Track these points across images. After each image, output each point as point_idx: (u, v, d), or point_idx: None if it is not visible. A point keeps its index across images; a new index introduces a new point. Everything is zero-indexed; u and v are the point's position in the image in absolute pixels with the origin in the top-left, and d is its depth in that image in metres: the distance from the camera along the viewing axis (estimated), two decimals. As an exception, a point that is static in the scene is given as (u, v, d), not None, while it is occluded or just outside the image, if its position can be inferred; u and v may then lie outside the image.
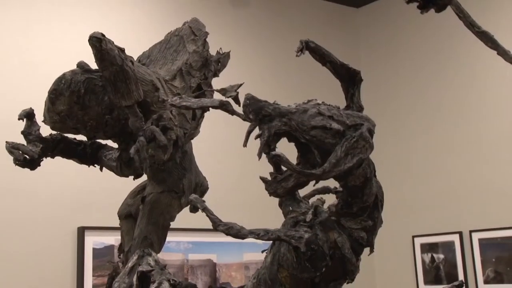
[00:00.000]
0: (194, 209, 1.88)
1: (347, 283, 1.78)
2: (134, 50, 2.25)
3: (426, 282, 5.22)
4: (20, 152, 2.12)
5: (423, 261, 5.30)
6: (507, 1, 5.02)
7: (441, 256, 5.19)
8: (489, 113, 5.04)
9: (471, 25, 2.05)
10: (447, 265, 5.14)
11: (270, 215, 2.15)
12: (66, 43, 4.28)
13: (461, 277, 4.99)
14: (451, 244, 5.12)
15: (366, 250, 1.74)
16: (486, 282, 4.89)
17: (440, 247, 5.21)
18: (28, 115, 2.17)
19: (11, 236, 3.96)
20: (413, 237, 5.35)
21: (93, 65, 2.02)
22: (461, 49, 5.16)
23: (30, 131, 2.16)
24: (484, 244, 4.93)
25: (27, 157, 2.13)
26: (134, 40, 2.54)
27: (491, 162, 4.96)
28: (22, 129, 2.17)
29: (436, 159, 5.33)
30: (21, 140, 2.16)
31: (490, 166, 4.96)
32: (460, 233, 5.07)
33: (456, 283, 1.79)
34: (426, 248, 5.29)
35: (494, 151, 4.97)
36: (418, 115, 5.51)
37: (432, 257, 5.24)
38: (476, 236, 4.98)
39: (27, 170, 2.20)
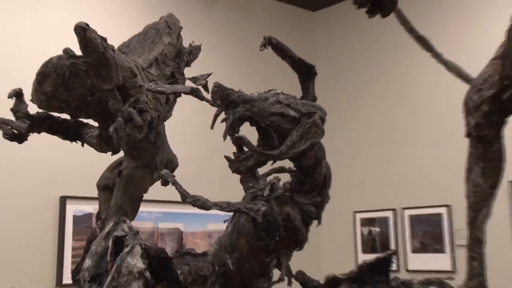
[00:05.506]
0: (165, 183, 1.86)
1: (297, 250, 1.79)
2: (115, 40, 2.21)
3: (364, 251, 5.31)
4: (9, 127, 2.07)
5: (362, 233, 5.38)
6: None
7: (377, 229, 5.28)
8: (422, 108, 5.12)
9: (411, 30, 2.07)
10: (382, 237, 5.23)
11: (232, 190, 2.14)
12: (53, 31, 4.17)
13: (393, 247, 5.08)
14: (386, 219, 5.21)
15: (315, 222, 1.74)
16: (413, 251, 5.00)
17: (376, 222, 5.29)
18: (17, 94, 2.12)
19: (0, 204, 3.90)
20: (354, 212, 5.42)
21: (78, 52, 1.98)
22: (402, 51, 5.21)
23: (18, 109, 2.11)
24: (414, 219, 5.03)
25: (16, 132, 2.08)
26: (115, 31, 2.49)
27: (423, 150, 5.05)
28: (11, 106, 2.12)
29: (377, 147, 5.40)
30: (10, 117, 2.12)
31: (421, 153, 5.05)
32: (394, 210, 5.16)
33: (389, 252, 1.81)
34: (365, 222, 5.37)
35: (424, 141, 5.05)
36: (363, 107, 5.57)
37: (370, 230, 5.33)
38: (407, 213, 5.08)
39: (15, 145, 2.15)
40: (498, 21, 1.84)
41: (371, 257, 1.80)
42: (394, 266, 1.80)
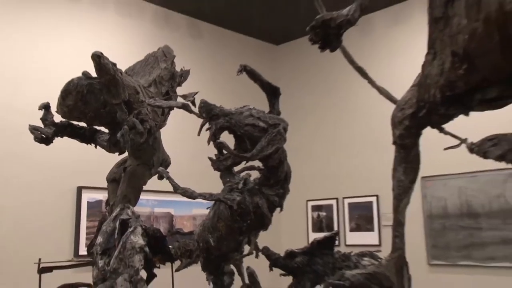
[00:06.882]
0: (160, 178, 1.85)
1: (263, 231, 1.80)
2: (122, 65, 2.18)
3: (314, 231, 5.33)
4: (39, 132, 2.05)
5: (312, 217, 5.41)
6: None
7: (324, 214, 5.31)
8: (359, 122, 5.17)
9: (352, 62, 2.09)
10: (327, 219, 5.26)
11: (214, 183, 2.13)
12: (75, 58, 4.10)
13: (336, 227, 5.12)
14: (331, 206, 5.25)
15: (277, 209, 1.76)
16: (351, 230, 5.04)
17: (323, 208, 5.32)
18: (45, 107, 2.10)
19: (31, 192, 3.82)
20: (307, 201, 5.44)
21: (94, 74, 1.95)
22: (344, 77, 5.27)
23: (46, 118, 2.09)
24: (351, 206, 5.07)
25: (44, 136, 2.05)
26: (123, 58, 2.46)
27: (359, 153, 5.10)
28: (41, 116, 2.09)
29: (325, 150, 5.44)
30: (40, 124, 2.08)
31: (358, 156, 5.10)
32: (337, 199, 5.20)
33: (333, 231, 1.83)
34: (315, 208, 5.40)
35: (360, 147, 5.10)
36: (315, 120, 5.60)
37: (318, 214, 5.36)
38: (346, 201, 5.12)
39: (43, 146, 2.12)
40: (417, 57, 1.88)
41: (319, 235, 1.81)
42: (336, 242, 1.81)
